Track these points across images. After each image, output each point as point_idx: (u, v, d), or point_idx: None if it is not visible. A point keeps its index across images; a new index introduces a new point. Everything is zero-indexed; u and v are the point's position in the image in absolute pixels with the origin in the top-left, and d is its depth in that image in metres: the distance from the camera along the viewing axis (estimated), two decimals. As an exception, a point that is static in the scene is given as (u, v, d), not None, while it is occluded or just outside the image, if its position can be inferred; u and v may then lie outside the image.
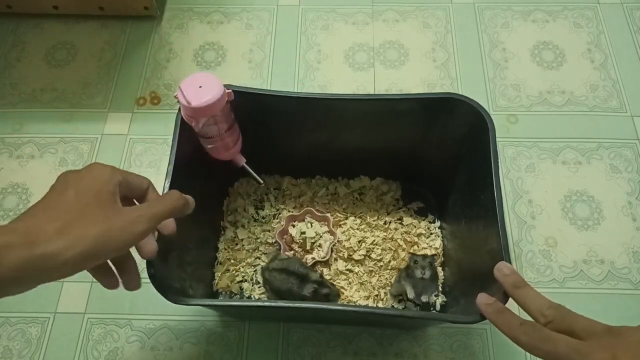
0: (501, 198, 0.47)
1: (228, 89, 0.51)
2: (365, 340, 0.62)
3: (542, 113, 0.78)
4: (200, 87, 0.48)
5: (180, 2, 0.90)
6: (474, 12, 0.88)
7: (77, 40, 0.86)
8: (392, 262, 0.65)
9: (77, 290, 0.66)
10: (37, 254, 0.32)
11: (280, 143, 0.63)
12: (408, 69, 0.82)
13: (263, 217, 0.69)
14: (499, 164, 0.50)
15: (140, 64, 0.84)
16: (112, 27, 0.87)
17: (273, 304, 0.47)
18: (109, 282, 0.43)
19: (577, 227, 0.69)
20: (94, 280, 0.65)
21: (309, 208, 0.68)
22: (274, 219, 0.69)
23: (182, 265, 0.53)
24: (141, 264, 0.67)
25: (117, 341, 0.62)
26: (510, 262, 0.44)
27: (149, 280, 0.65)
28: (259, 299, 0.63)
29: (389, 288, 0.63)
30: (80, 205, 0.36)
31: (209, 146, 0.55)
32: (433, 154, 0.62)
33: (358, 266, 0.65)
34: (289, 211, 0.69)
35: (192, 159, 0.53)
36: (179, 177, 0.50)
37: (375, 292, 0.64)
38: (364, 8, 0.89)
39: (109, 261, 0.42)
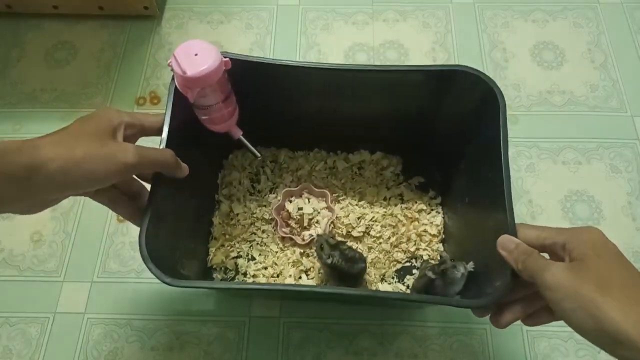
0: (509, 175, 0.46)
1: (225, 57, 0.48)
2: (366, 340, 0.62)
3: (542, 113, 0.78)
4: (195, 55, 0.45)
5: (180, 2, 0.90)
6: (474, 12, 0.88)
7: (77, 40, 0.86)
8: (392, 239, 0.64)
9: (77, 290, 0.66)
10: (31, 157, 0.36)
11: (278, 114, 0.61)
12: (408, 69, 0.82)
13: (259, 191, 0.68)
14: (508, 139, 0.48)
15: (140, 63, 0.84)
16: (112, 27, 0.87)
17: (270, 287, 0.46)
18: (123, 211, 0.47)
19: (577, 227, 0.69)
20: (94, 280, 0.66)
21: (306, 183, 0.67)
22: (270, 193, 0.68)
23: (175, 240, 0.52)
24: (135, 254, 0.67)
25: (117, 341, 0.62)
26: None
27: (148, 281, 0.66)
28: (254, 282, 0.62)
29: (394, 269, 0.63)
30: (80, 132, 0.40)
31: (204, 117, 0.52)
32: (438, 127, 0.61)
33: (357, 243, 0.65)
34: (286, 185, 0.68)
35: (186, 129, 0.51)
36: (172, 148, 0.48)
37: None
38: (364, 8, 0.89)
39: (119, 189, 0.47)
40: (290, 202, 0.66)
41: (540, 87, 0.80)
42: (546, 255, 0.41)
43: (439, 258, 0.64)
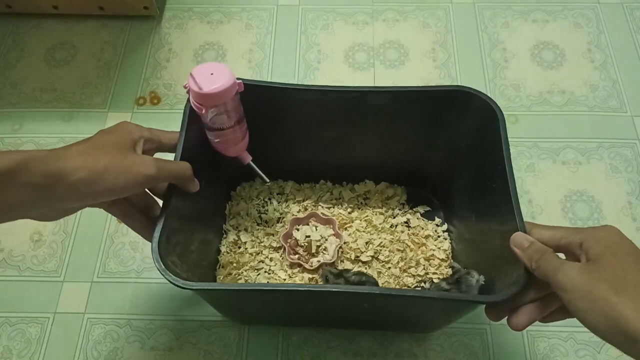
0: (514, 181, 0.47)
1: (238, 80, 0.51)
2: (366, 340, 0.62)
3: (542, 113, 0.78)
4: (211, 74, 0.49)
5: (180, 2, 0.90)
6: (474, 12, 0.88)
7: (77, 40, 0.86)
8: (401, 263, 0.64)
9: (77, 290, 0.66)
10: (56, 167, 0.37)
11: (286, 146, 0.62)
12: (408, 69, 0.82)
13: (266, 222, 0.68)
14: (510, 155, 0.49)
15: (140, 63, 0.84)
16: (112, 26, 0.87)
17: (283, 287, 0.45)
18: (135, 224, 0.49)
19: (577, 227, 0.69)
20: (94, 280, 0.66)
21: (313, 211, 0.68)
22: (277, 222, 0.68)
23: (185, 261, 0.52)
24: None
25: (117, 341, 0.62)
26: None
27: (148, 281, 0.66)
28: (263, 283, 0.62)
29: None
30: (103, 144, 0.42)
31: (217, 140, 0.54)
32: (439, 152, 0.61)
33: (366, 268, 0.65)
34: (293, 215, 0.68)
35: (198, 151, 0.53)
36: None
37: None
38: (364, 8, 0.89)
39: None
40: (298, 229, 0.66)
41: (540, 87, 0.80)
42: (562, 255, 0.41)
43: (450, 269, 0.64)
